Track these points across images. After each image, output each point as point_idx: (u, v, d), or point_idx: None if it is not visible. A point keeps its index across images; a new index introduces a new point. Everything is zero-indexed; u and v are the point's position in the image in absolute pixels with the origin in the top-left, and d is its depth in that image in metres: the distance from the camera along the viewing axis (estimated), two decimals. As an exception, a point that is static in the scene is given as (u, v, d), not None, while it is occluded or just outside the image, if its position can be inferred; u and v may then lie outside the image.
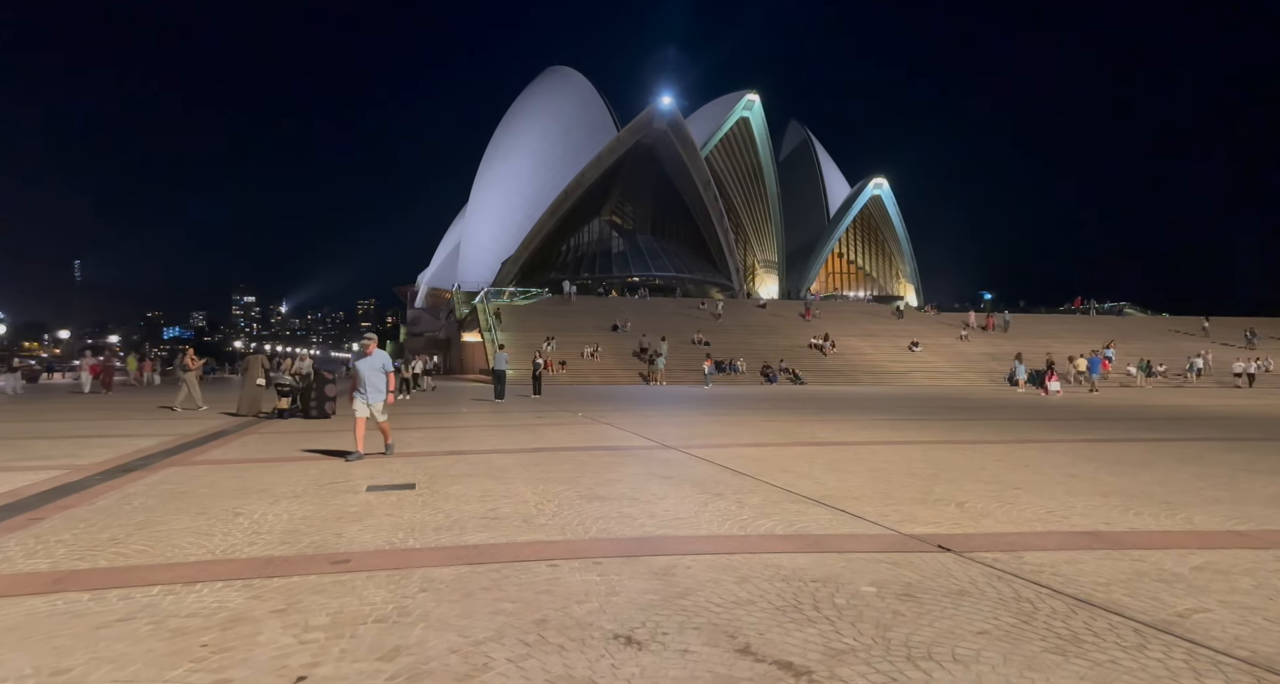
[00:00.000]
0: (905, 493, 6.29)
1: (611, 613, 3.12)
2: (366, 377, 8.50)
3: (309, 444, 9.86)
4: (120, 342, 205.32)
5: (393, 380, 8.79)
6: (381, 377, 8.57)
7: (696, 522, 5.06)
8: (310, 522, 4.81)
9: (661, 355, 36.48)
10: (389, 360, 8.80)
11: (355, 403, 8.48)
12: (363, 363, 8.60)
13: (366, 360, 8.59)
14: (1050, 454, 9.07)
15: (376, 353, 8.61)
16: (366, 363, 8.57)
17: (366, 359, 8.60)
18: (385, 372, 8.62)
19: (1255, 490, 6.50)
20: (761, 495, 6.08)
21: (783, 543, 4.56)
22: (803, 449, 9.55)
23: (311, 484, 6.38)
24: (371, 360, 8.55)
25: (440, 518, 4.92)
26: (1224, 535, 4.89)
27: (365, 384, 8.48)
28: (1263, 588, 3.73)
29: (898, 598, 3.51)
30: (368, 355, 8.61)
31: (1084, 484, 6.77)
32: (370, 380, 8.49)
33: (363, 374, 8.52)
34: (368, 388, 8.47)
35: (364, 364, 8.58)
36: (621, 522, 4.96)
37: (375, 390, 8.49)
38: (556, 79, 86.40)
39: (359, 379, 8.55)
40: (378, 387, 8.51)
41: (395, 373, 9.15)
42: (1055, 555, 4.34)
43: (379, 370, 8.55)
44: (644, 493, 6.07)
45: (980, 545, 4.56)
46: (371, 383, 8.49)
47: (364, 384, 8.49)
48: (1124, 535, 4.85)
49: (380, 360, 8.61)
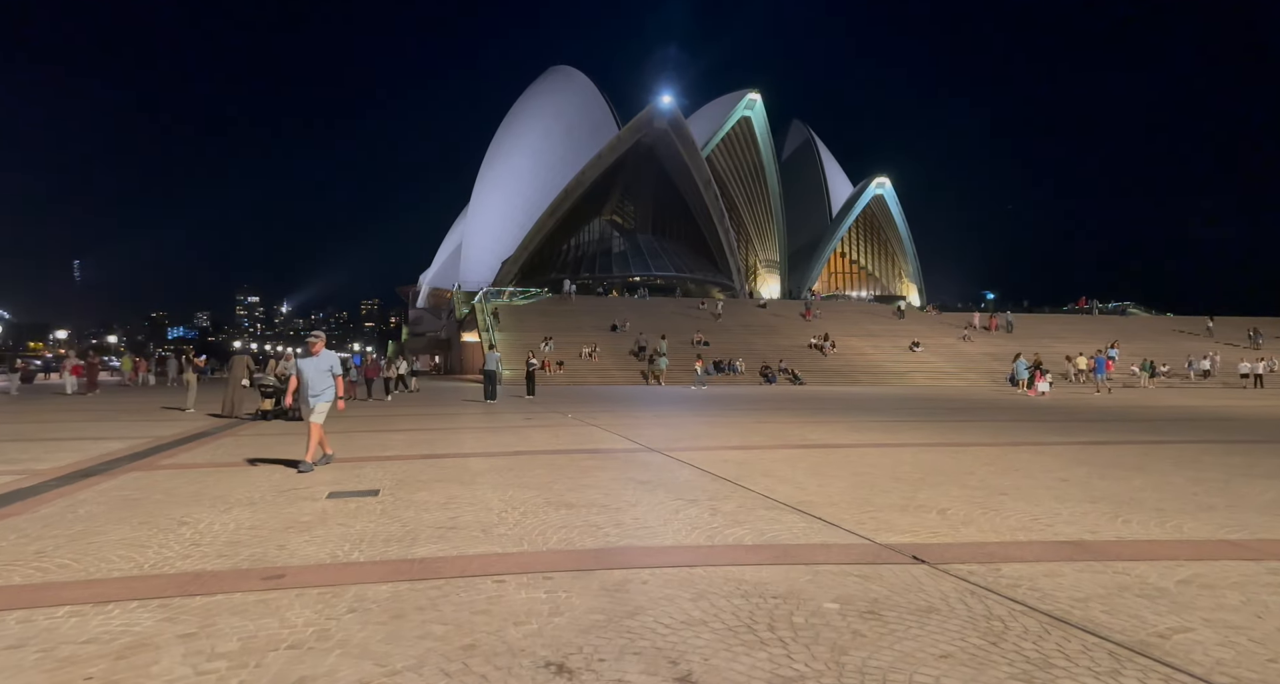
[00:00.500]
0: (886, 499, 6.09)
1: (549, 636, 2.91)
2: (311, 379, 7.79)
3: (284, 447, 9.66)
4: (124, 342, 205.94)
5: (341, 384, 8.07)
6: (328, 379, 7.87)
7: (664, 531, 4.86)
8: (257, 532, 4.61)
9: (663, 355, 36.31)
10: (337, 361, 8.07)
11: (305, 409, 7.83)
12: (307, 363, 7.90)
13: (312, 361, 7.90)
14: (1043, 457, 8.86)
15: (324, 353, 7.97)
16: (312, 364, 7.88)
17: (312, 359, 7.92)
18: (332, 374, 7.92)
19: (1252, 496, 6.29)
20: (737, 502, 5.88)
21: (750, 554, 4.35)
22: (789, 452, 9.34)
23: (272, 490, 6.18)
24: (317, 361, 7.88)
25: (395, 528, 4.72)
26: (1215, 545, 4.68)
27: (309, 387, 7.79)
28: (1251, 604, 3.52)
29: (860, 616, 3.30)
30: (314, 355, 7.94)
31: (1074, 489, 6.56)
32: (315, 383, 7.80)
33: (306, 376, 7.81)
34: (311, 390, 7.78)
35: (309, 365, 7.89)
36: (585, 531, 4.76)
37: (321, 393, 7.79)
38: (559, 79, 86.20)
39: (303, 381, 7.85)
40: (322, 390, 7.81)
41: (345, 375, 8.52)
42: (1034, 567, 4.13)
43: (325, 372, 7.86)
44: (616, 499, 5.87)
45: (957, 556, 4.36)
46: (316, 385, 7.79)
47: (308, 387, 7.79)
48: (1109, 545, 4.64)
49: (327, 361, 7.93)
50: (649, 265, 74.84)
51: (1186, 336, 48.18)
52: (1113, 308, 62.74)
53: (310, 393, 7.75)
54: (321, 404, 7.74)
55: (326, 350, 7.98)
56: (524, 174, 76.35)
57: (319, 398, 7.76)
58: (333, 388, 7.89)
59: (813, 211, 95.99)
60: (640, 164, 75.47)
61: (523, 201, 73.89)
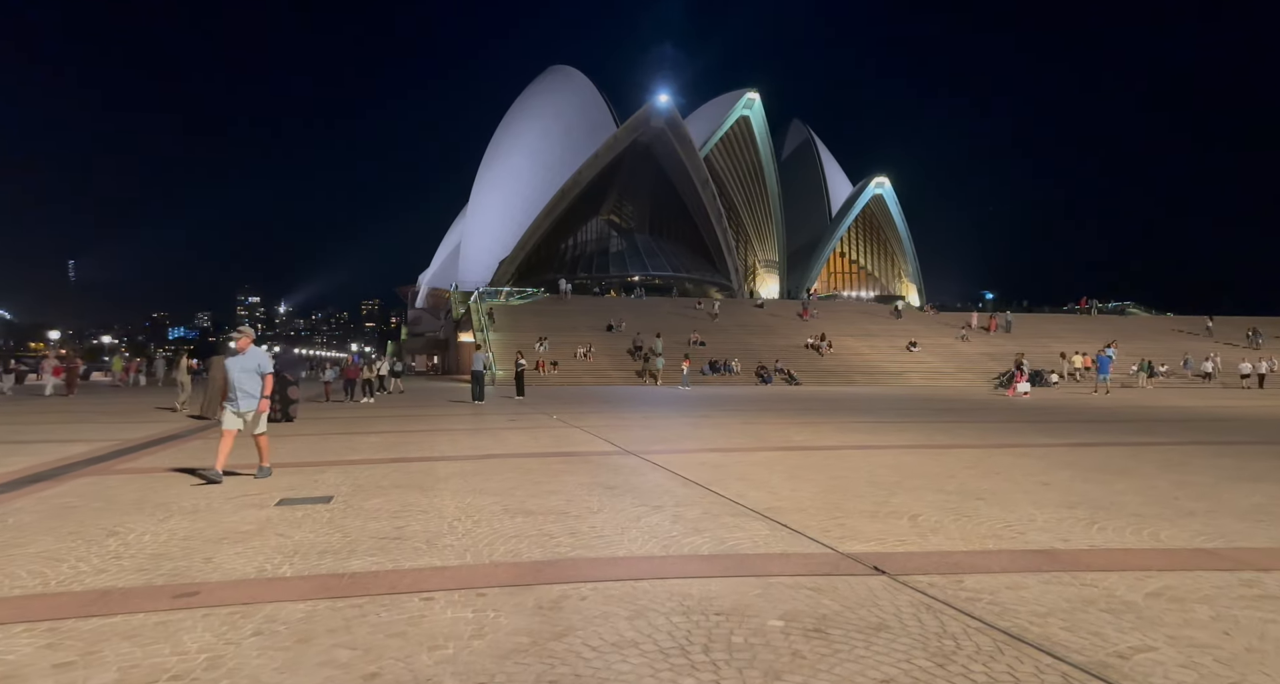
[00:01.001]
0: (858, 504, 5.90)
1: (462, 664, 2.72)
2: (237, 379, 7.06)
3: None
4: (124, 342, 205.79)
5: (270, 384, 7.30)
6: (255, 379, 7.14)
7: (619, 540, 4.67)
8: (189, 543, 4.42)
9: (658, 354, 36.16)
10: (266, 360, 7.30)
11: (224, 413, 7.13)
12: (233, 362, 7.14)
13: (238, 360, 7.13)
14: (1027, 460, 8.67)
15: (251, 351, 7.23)
16: (238, 362, 7.12)
17: (238, 358, 7.15)
18: (260, 374, 7.17)
19: (1235, 501, 6.10)
20: (703, 508, 5.69)
21: (703, 565, 4.17)
22: (769, 455, 9.15)
23: (220, 497, 5.98)
24: (244, 360, 7.13)
25: (335, 539, 4.53)
26: (1190, 554, 4.49)
27: (235, 388, 7.05)
28: (1220, 620, 3.33)
29: (805, 635, 3.12)
30: (240, 353, 7.18)
31: (1053, 494, 6.37)
32: (241, 384, 7.07)
33: (232, 377, 7.07)
34: (238, 393, 7.05)
35: (235, 364, 7.11)
36: (536, 541, 4.57)
37: (247, 396, 7.07)
38: (557, 78, 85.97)
39: (228, 383, 7.10)
40: (250, 392, 7.09)
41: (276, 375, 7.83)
42: (998, 579, 3.95)
43: (252, 372, 7.13)
44: (578, 506, 5.68)
45: (920, 567, 4.17)
46: (242, 387, 7.07)
47: (234, 388, 7.06)
48: (1080, 554, 4.45)
49: (254, 360, 7.18)
50: (646, 265, 74.65)
51: (1186, 336, 47.93)
52: (1112, 308, 62.42)
53: (236, 394, 7.08)
54: (250, 407, 7.13)
55: (254, 347, 7.31)
56: (523, 174, 76.15)
57: (252, 400, 7.12)
58: (261, 389, 7.22)
59: (812, 211, 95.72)
60: (638, 163, 75.26)
61: (521, 201, 73.68)
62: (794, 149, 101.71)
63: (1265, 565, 4.22)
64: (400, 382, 28.02)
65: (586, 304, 51.63)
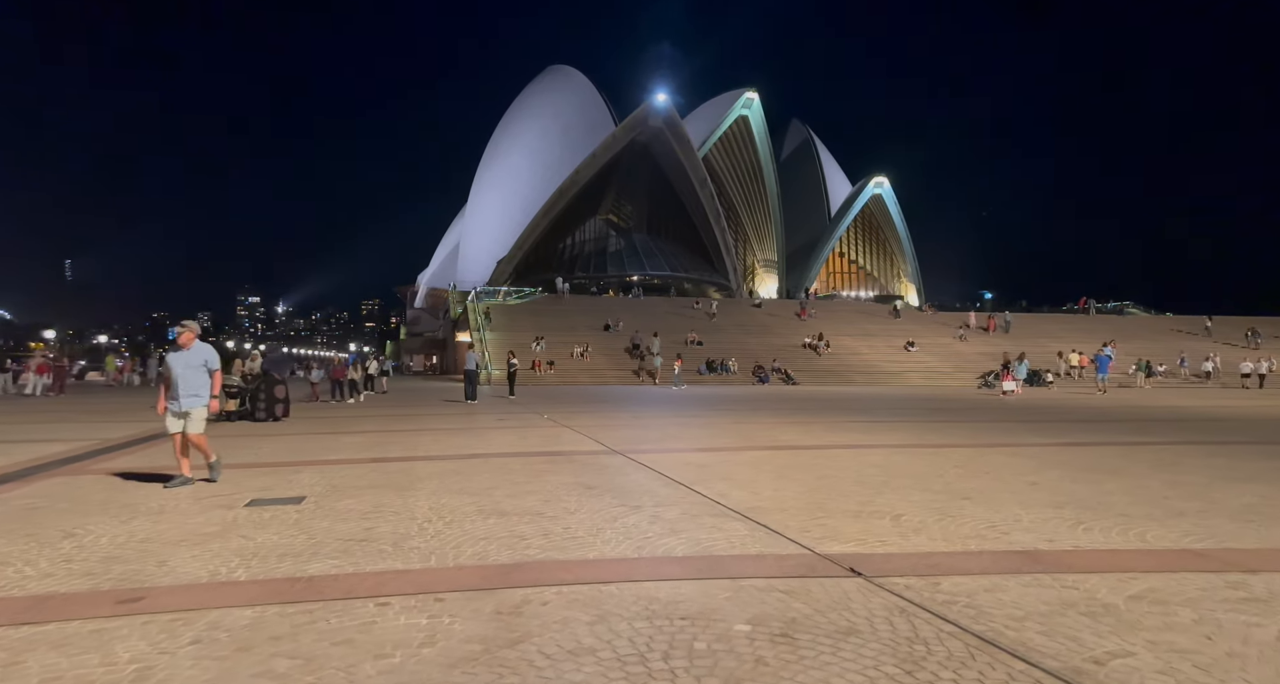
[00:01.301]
0: (842, 504, 5.79)
1: (407, 674, 2.59)
2: (180, 376, 6.53)
3: (237, 450, 9.35)
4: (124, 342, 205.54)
5: (218, 382, 6.83)
6: (202, 376, 6.63)
7: (592, 541, 4.55)
8: (146, 545, 4.29)
9: (654, 353, 36.09)
10: (214, 355, 6.75)
11: (167, 416, 6.60)
12: (176, 358, 6.62)
13: (181, 356, 6.62)
14: (1018, 459, 8.56)
15: (197, 346, 6.71)
16: (181, 359, 6.60)
17: (181, 354, 6.63)
18: (207, 370, 6.67)
19: (1226, 501, 5.98)
20: (683, 508, 5.58)
21: (674, 567, 4.05)
22: (757, 454, 9.04)
23: (190, 497, 5.86)
24: (188, 356, 6.62)
25: (300, 541, 4.40)
26: (1177, 555, 4.38)
27: (178, 386, 6.52)
28: (1202, 624, 3.22)
29: (771, 640, 3.00)
30: (184, 349, 6.65)
31: (1041, 494, 6.26)
32: (185, 381, 6.54)
33: (175, 373, 6.54)
34: (181, 391, 6.51)
35: (178, 360, 6.60)
36: (506, 543, 4.45)
37: (191, 395, 6.54)
38: (556, 78, 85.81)
39: (171, 380, 6.58)
40: (195, 390, 6.56)
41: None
42: (977, 581, 3.83)
43: (198, 368, 6.62)
44: (555, 506, 5.57)
45: (898, 568, 4.06)
46: (186, 385, 6.53)
47: (176, 386, 6.52)
48: (1064, 555, 4.34)
49: (200, 355, 6.66)
50: (645, 265, 74.51)
51: (1185, 336, 47.80)
52: (1111, 308, 62.27)
53: (181, 393, 6.53)
54: (200, 409, 6.61)
55: (200, 342, 6.79)
56: (522, 173, 75.99)
57: (192, 399, 6.57)
58: (209, 387, 6.71)
59: (812, 211, 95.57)
60: (636, 163, 75.09)
61: (520, 201, 73.51)
62: (793, 149, 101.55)
63: (1253, 567, 4.11)
64: (386, 381, 27.73)
65: (584, 304, 51.52)
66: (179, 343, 6.73)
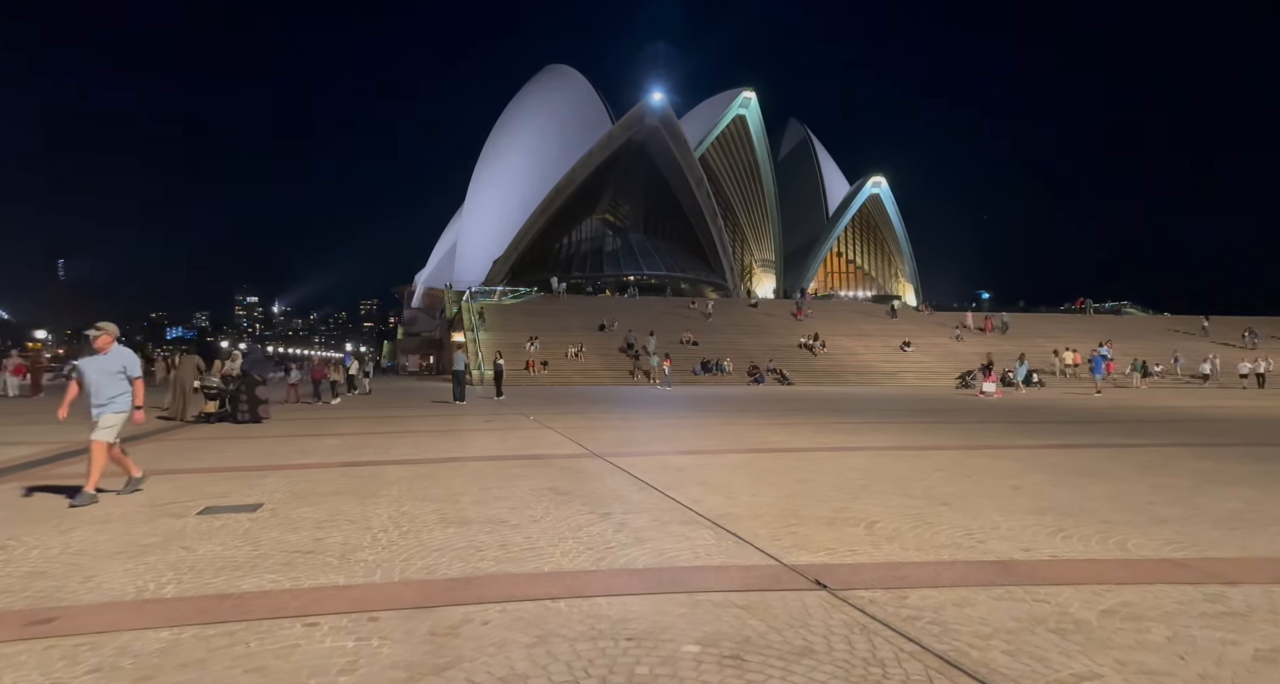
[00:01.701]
0: (817, 510, 5.63)
1: (316, 706, 2.44)
2: (94, 383, 5.97)
3: (211, 453, 9.18)
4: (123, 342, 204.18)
5: (140, 391, 6.19)
6: (119, 383, 6.06)
7: (551, 553, 4.39)
8: (79, 558, 4.10)
9: (650, 352, 35.99)
10: (134, 361, 6.19)
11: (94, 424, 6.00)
12: (90, 363, 6.06)
13: (96, 360, 6.06)
14: (1004, 462, 8.40)
15: (115, 351, 6.13)
16: (96, 364, 6.03)
17: (97, 358, 6.07)
18: (127, 376, 6.10)
19: (1212, 507, 5.83)
20: (653, 515, 5.42)
21: (631, 581, 3.89)
22: (739, 456, 8.89)
23: (143, 505, 5.67)
24: (105, 361, 6.05)
25: (243, 552, 4.23)
26: (1156, 565, 4.22)
27: (95, 394, 5.98)
28: (1176, 642, 3.06)
29: (719, 663, 2.84)
30: (100, 353, 6.09)
31: (1023, 499, 6.11)
32: (99, 388, 5.98)
33: (89, 380, 5.99)
34: (94, 398, 5.97)
35: (92, 365, 6.04)
36: (460, 555, 4.28)
37: (103, 404, 5.97)
38: (554, 77, 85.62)
39: (84, 388, 6.03)
40: (109, 397, 5.99)
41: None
42: (946, 594, 3.67)
43: (116, 374, 6.04)
44: (520, 514, 5.40)
45: (865, 580, 3.90)
46: (100, 392, 5.97)
47: (92, 394, 5.98)
48: (1039, 566, 4.19)
49: (118, 361, 6.08)
50: (641, 265, 74.37)
51: (1182, 336, 47.68)
52: (1109, 307, 62.15)
53: (95, 402, 5.97)
54: (109, 415, 5.99)
55: (119, 346, 6.23)
56: (519, 173, 75.80)
57: (106, 408, 5.99)
58: (128, 394, 6.11)
59: (810, 211, 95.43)
60: (632, 162, 74.92)
61: (518, 200, 73.32)
62: (791, 149, 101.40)
63: (1234, 578, 3.95)
64: (369, 382, 27.27)
65: (579, 303, 51.35)
66: (95, 347, 6.15)
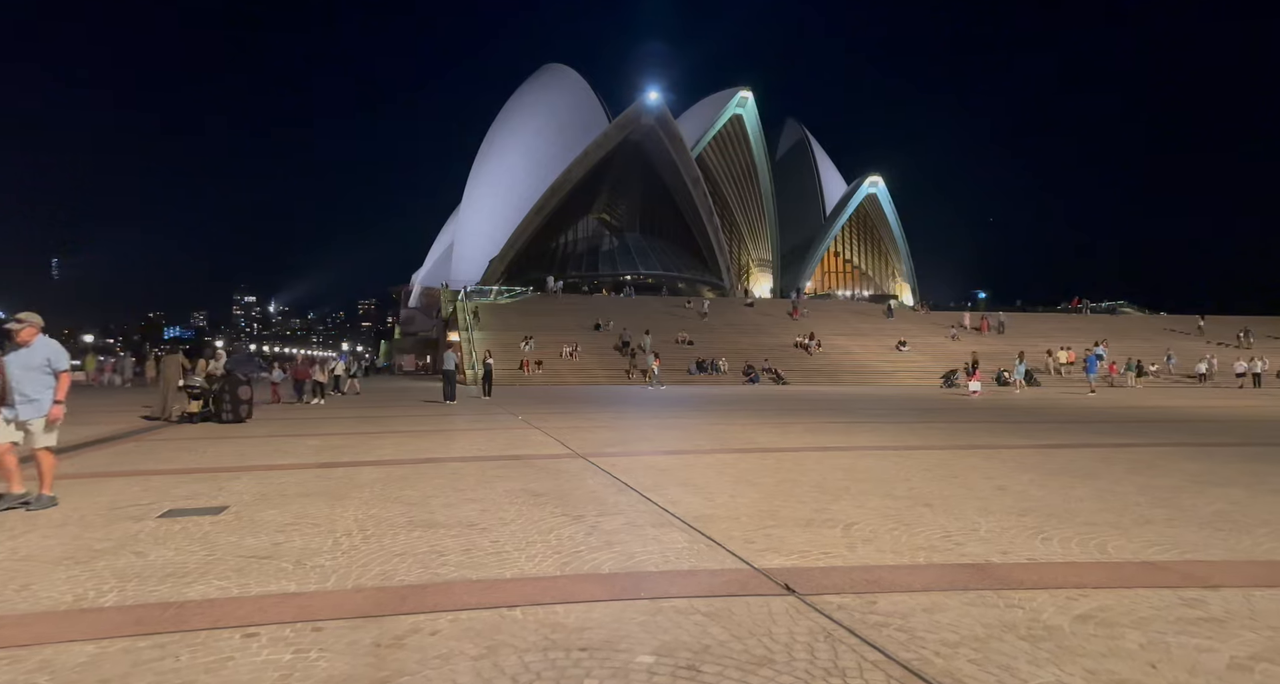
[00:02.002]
0: (796, 512, 5.53)
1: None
2: (16, 379, 5.51)
3: (189, 454, 9.04)
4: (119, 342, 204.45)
5: (65, 385, 5.73)
6: (43, 379, 5.61)
7: (515, 557, 4.27)
8: (24, 564, 3.95)
9: (646, 351, 35.93)
10: (60, 354, 5.73)
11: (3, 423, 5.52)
12: (13, 358, 5.58)
13: (19, 355, 5.58)
14: (991, 462, 8.30)
15: (39, 342, 5.65)
16: (19, 359, 5.56)
17: (19, 353, 5.59)
18: (51, 371, 5.65)
19: (1198, 508, 5.74)
20: (627, 517, 5.31)
21: (595, 587, 3.77)
22: (725, 456, 8.78)
23: (104, 508, 5.52)
24: (27, 355, 5.58)
25: (196, 558, 4.09)
26: (1135, 568, 4.12)
27: (15, 390, 5.50)
28: (1150, 649, 2.96)
29: (673, 675, 2.72)
30: (23, 346, 5.60)
31: (1007, 499, 6.01)
32: (21, 385, 5.53)
33: (10, 375, 5.52)
34: (17, 396, 5.50)
35: (15, 360, 5.56)
36: (420, 561, 4.16)
37: (28, 401, 5.53)
38: (552, 77, 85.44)
39: (7, 384, 5.55)
40: (34, 395, 5.55)
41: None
42: (917, 599, 3.57)
43: (38, 370, 5.58)
44: (491, 516, 5.29)
45: (836, 584, 3.79)
46: (22, 389, 5.52)
47: (13, 390, 5.51)
48: (1015, 569, 4.08)
49: (42, 354, 5.61)
50: (637, 264, 74.26)
51: (1178, 335, 47.65)
52: (1105, 307, 62.11)
53: (19, 399, 5.53)
54: (36, 416, 5.57)
55: (43, 338, 5.72)
56: (517, 172, 75.62)
57: (34, 406, 5.57)
58: (52, 392, 5.65)
59: (807, 210, 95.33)
60: (628, 162, 74.78)
61: (515, 199, 73.17)
62: (789, 148, 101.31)
63: (1214, 581, 3.85)
64: (357, 382, 26.72)
65: (575, 303, 51.25)
66: (17, 340, 5.65)
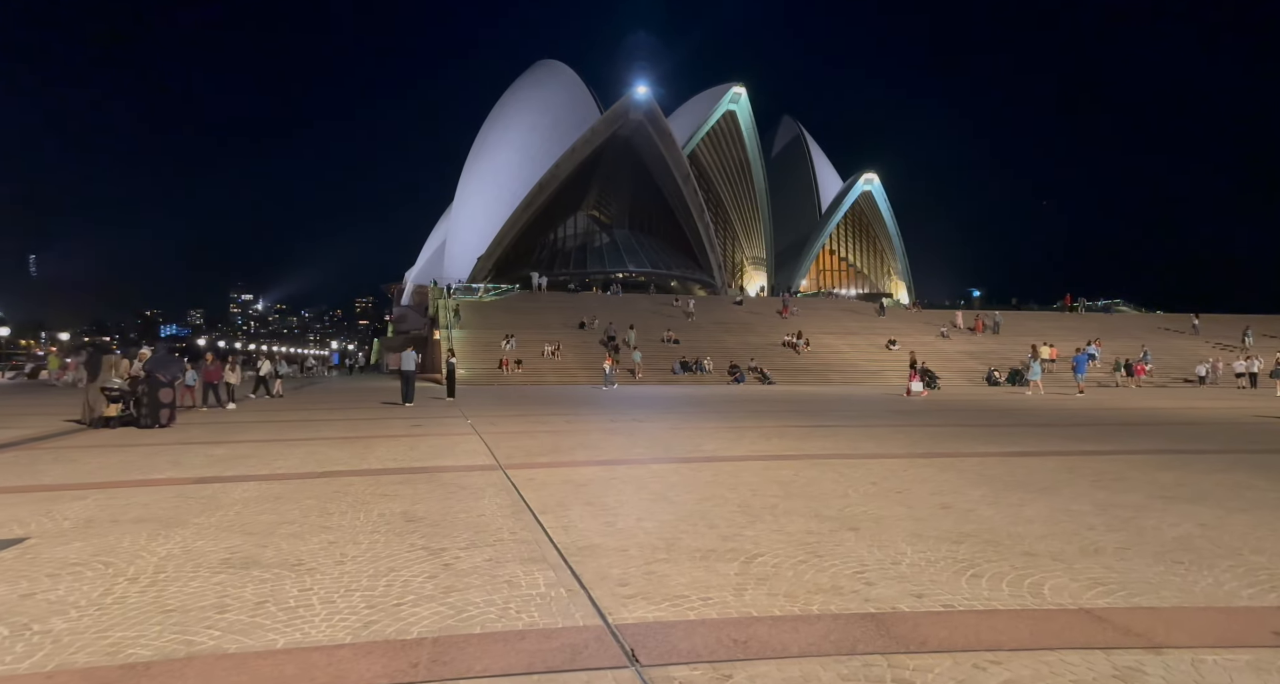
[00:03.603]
0: (699, 539, 4.80)
1: None
2: None
3: (68, 466, 8.22)
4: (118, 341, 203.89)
5: None
6: None
7: (311, 616, 3.32)
8: None
9: (632, 346, 35.34)
10: None
11: None
12: None
13: None
14: (947, 473, 7.58)
15: None
16: None
17: None
18: None
19: (1160, 531, 5.01)
20: (495, 551, 4.55)
21: (378, 663, 2.89)
22: (657, 468, 8.05)
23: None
24: None
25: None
26: (1068, 619, 3.38)
27: None
28: (1054, 752, 2.23)
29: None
30: None
31: (946, 522, 5.28)
32: None
33: None
34: None
35: None
36: (187, 622, 3.18)
37: None
38: (544, 73, 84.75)
39: None
40: None
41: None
42: (784, 670, 2.82)
43: None
44: (332, 552, 4.45)
45: (695, 649, 3.04)
46: None
47: None
48: (923, 621, 3.34)
49: None
50: (627, 262, 73.56)
51: (1172, 334, 46.95)
52: (1101, 306, 61.43)
53: None
54: None
55: None
56: (509, 169, 74.89)
57: None
58: None
59: (802, 208, 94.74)
60: (618, 157, 74.03)
61: (509, 196, 72.43)
62: (784, 145, 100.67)
63: (1158, 639, 3.11)
64: (280, 384, 24.97)
65: (560, 300, 50.55)
66: None
